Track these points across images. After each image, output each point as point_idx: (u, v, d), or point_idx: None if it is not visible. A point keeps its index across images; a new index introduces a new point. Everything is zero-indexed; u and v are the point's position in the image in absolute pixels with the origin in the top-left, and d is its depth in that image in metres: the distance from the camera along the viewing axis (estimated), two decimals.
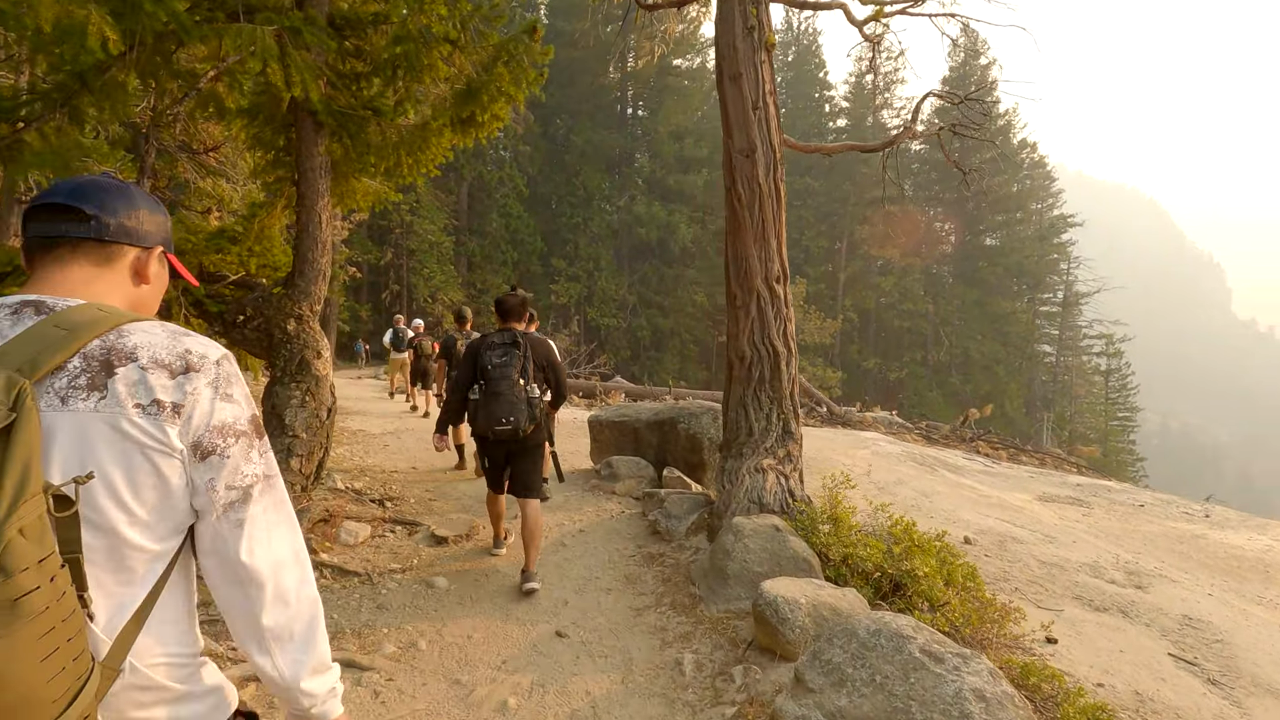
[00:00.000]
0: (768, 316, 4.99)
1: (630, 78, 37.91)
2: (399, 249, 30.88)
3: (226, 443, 0.94)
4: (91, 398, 0.86)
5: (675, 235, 35.27)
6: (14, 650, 0.72)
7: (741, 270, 5.03)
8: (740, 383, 4.99)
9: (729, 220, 5.16)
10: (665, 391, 18.86)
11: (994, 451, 16.69)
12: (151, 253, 1.04)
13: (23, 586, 0.73)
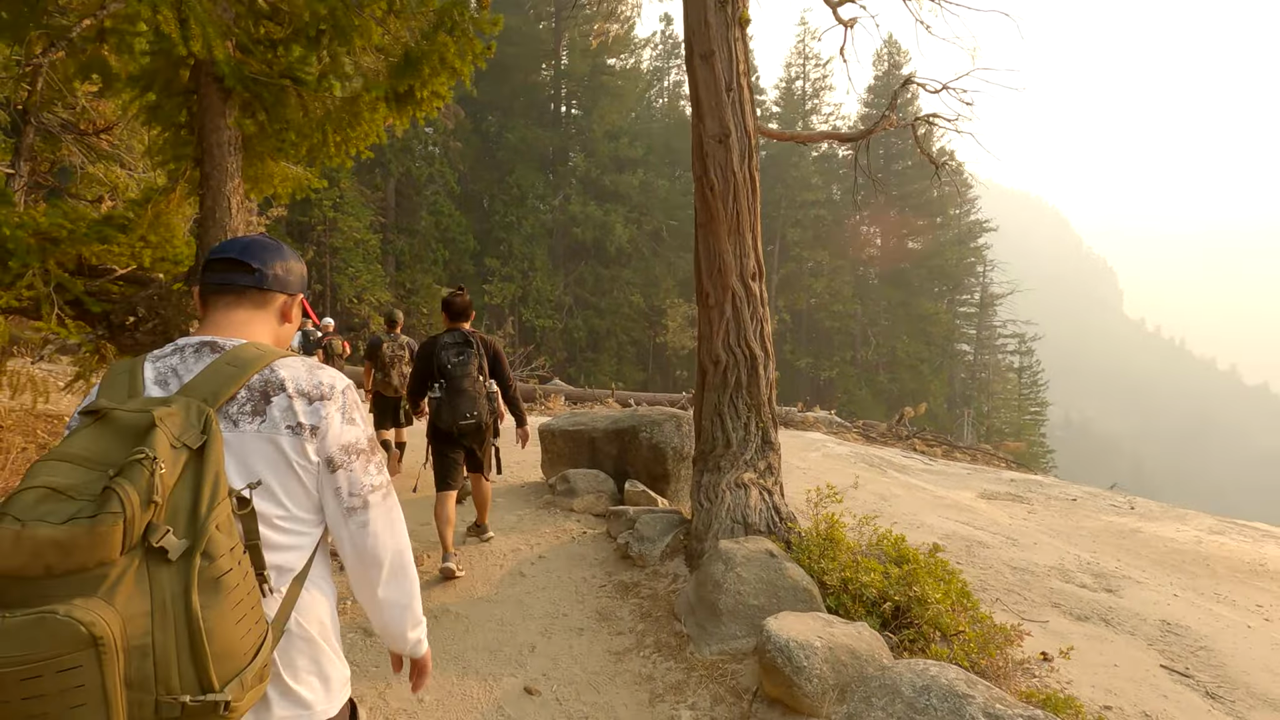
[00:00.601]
0: (744, 317, 4.56)
1: (564, 75, 37.18)
2: (321, 246, 29.17)
3: (350, 458, 1.19)
4: (255, 421, 1.11)
5: (611, 235, 34.75)
6: (219, 616, 0.95)
7: (715, 266, 4.58)
8: (715, 389, 4.53)
9: (700, 212, 4.69)
10: (607, 394, 18.33)
11: (929, 449, 16.94)
12: (294, 298, 1.31)
13: (221, 568, 0.96)
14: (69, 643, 0.83)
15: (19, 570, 0.84)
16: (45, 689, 0.82)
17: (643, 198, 36.43)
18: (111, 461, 0.92)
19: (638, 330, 37.06)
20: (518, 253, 34.45)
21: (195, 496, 0.96)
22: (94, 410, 0.99)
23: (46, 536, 0.84)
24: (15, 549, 0.83)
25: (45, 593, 0.85)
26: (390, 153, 30.97)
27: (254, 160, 5.09)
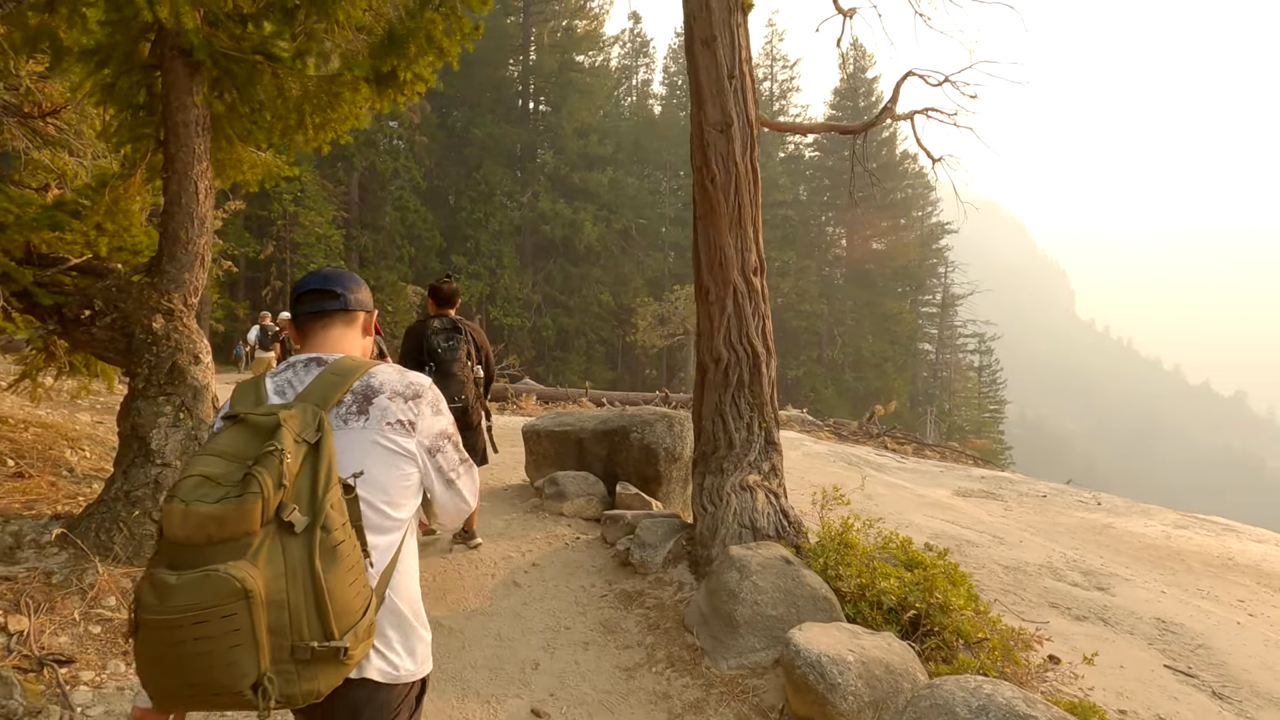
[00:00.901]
0: (745, 313, 4.39)
1: (532, 71, 36.70)
2: (281, 242, 28.25)
3: (443, 443, 1.46)
4: (360, 420, 1.34)
5: (580, 233, 34.43)
6: (337, 579, 1.17)
7: (715, 261, 4.40)
8: (716, 388, 4.35)
9: (700, 204, 4.51)
10: (580, 394, 18.06)
11: (899, 447, 17.08)
12: (371, 315, 1.59)
13: (337, 539, 1.18)
14: (228, 595, 1.06)
15: (188, 539, 1.09)
16: (211, 631, 1.06)
17: (612, 196, 36.18)
18: (249, 455, 1.16)
19: (607, 329, 36.82)
20: (485, 250, 33.89)
21: (313, 482, 1.18)
22: (233, 415, 1.24)
23: (206, 512, 1.08)
24: (184, 522, 1.08)
25: (207, 558, 1.08)
26: (354, 146, 30.15)
27: (222, 143, 4.73)
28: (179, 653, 1.06)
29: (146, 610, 1.07)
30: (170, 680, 1.09)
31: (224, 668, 1.07)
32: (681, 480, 5.79)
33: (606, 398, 18.44)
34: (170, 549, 1.10)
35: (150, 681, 1.11)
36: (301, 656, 1.13)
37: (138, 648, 1.10)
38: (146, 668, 1.10)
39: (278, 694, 1.11)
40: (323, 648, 1.14)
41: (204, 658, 1.06)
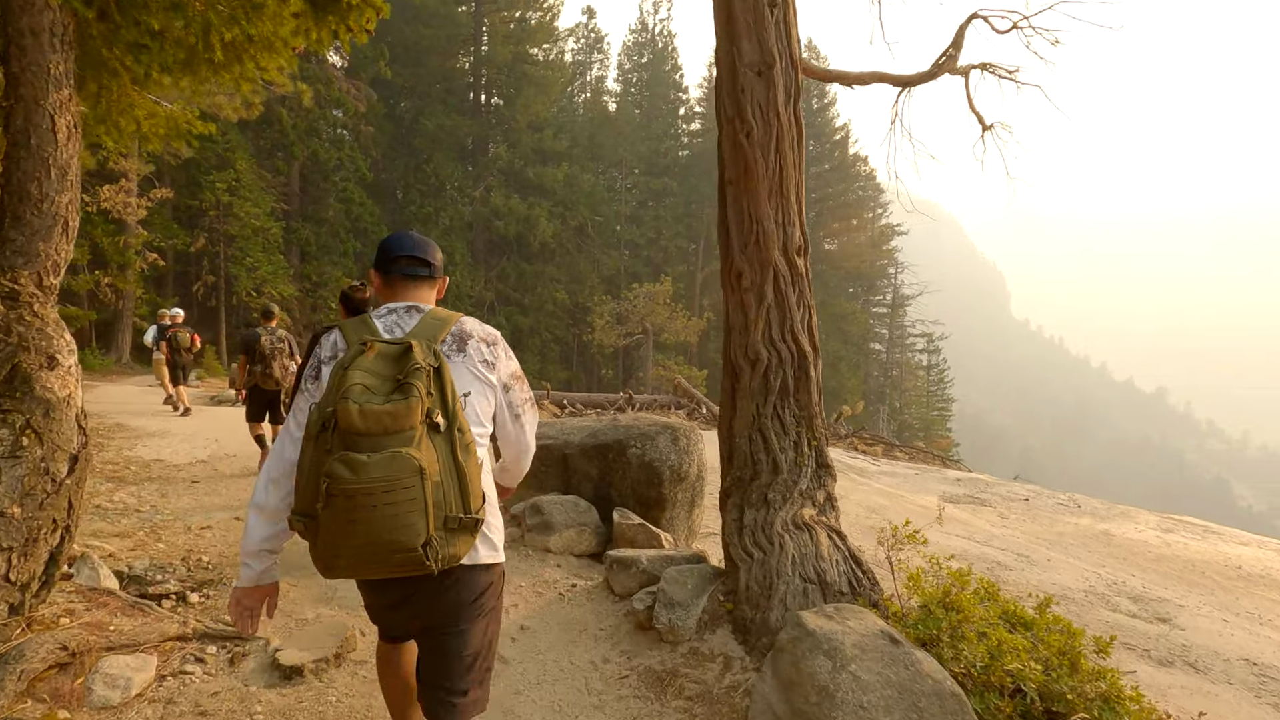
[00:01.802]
0: (788, 302, 3.46)
1: (484, 62, 35.16)
2: (214, 234, 26.08)
3: (515, 382, 1.81)
4: (460, 356, 1.67)
5: (535, 230, 33.11)
6: (471, 467, 1.51)
7: (751, 237, 3.45)
8: (752, 396, 3.41)
9: (730, 166, 3.55)
10: (541, 395, 16.92)
11: (869, 448, 16.55)
12: (445, 279, 1.88)
13: (469, 438, 1.53)
14: (410, 470, 1.37)
15: (368, 430, 1.37)
16: (398, 499, 1.36)
17: (567, 192, 34.98)
18: (393, 372, 1.48)
19: (562, 328, 35.61)
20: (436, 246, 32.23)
21: (443, 395, 1.50)
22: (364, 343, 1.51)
23: (381, 409, 1.38)
24: (364, 418, 1.37)
25: (384, 445, 1.38)
26: (294, 134, 28.20)
27: (104, 77, 3.54)
28: (371, 515, 1.35)
29: (342, 483, 1.34)
30: (358, 539, 1.36)
31: (404, 528, 1.37)
32: (687, 504, 4.85)
33: (568, 399, 17.37)
34: (350, 438, 1.37)
35: (335, 543, 1.38)
36: (451, 526, 1.45)
37: (328, 516, 1.36)
38: (335, 530, 1.37)
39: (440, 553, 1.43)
40: (468, 518, 1.48)
41: (390, 520, 1.36)
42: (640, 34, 44.04)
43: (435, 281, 1.82)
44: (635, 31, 44.28)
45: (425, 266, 1.77)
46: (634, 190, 39.90)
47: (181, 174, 26.38)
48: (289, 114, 27.94)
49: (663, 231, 39.06)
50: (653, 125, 41.49)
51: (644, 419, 5.14)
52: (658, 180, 39.62)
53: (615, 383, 37.64)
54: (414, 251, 1.76)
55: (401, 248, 1.75)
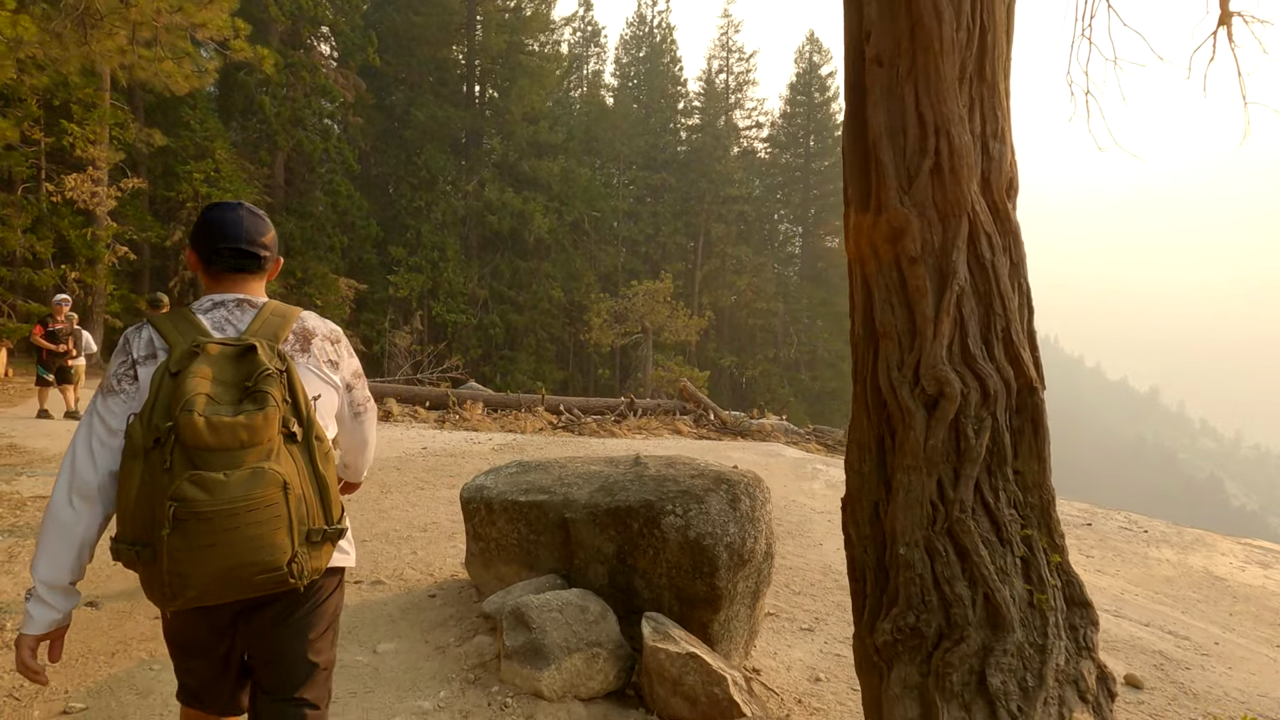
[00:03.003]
0: (999, 286, 1.77)
1: (478, 52, 33.33)
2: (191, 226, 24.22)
3: (357, 381, 1.67)
4: (303, 357, 1.49)
5: (530, 225, 31.32)
6: (331, 477, 1.40)
7: (926, 159, 1.75)
8: (930, 464, 1.71)
9: (881, 31, 1.85)
10: (535, 399, 15.19)
11: None
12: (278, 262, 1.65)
13: (328, 446, 1.41)
14: (273, 486, 1.26)
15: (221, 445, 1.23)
16: (261, 518, 1.24)
17: (563, 186, 33.20)
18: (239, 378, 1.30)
19: (557, 327, 33.85)
20: (427, 241, 30.44)
21: (295, 401, 1.35)
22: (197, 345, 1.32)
23: (233, 422, 1.23)
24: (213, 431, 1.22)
25: (240, 460, 1.24)
26: (278, 123, 26.41)
27: None
28: (231, 537, 1.22)
29: (197, 505, 1.20)
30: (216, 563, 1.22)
31: (268, 547, 1.26)
32: (750, 595, 3.16)
33: (564, 404, 15.65)
34: (198, 455, 1.22)
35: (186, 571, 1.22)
36: (315, 539, 1.34)
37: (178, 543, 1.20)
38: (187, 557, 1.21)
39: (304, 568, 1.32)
40: (332, 529, 1.38)
41: (253, 540, 1.24)
42: (638, 27, 42.29)
43: (266, 271, 1.59)
44: (633, 25, 42.52)
45: (254, 260, 1.52)
46: (631, 186, 38.13)
47: (157, 163, 24.58)
48: (271, 102, 26.17)
49: (661, 228, 37.34)
50: (651, 119, 39.75)
51: (682, 464, 3.44)
52: (656, 175, 37.90)
53: (612, 383, 35.93)
54: (241, 243, 1.49)
55: (226, 236, 1.49)
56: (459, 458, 8.13)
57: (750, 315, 37.80)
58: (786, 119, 41.80)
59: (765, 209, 41.43)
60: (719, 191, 37.54)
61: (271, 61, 10.92)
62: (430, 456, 8.06)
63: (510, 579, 3.40)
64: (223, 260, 1.48)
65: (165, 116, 24.60)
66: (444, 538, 4.89)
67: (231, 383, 1.28)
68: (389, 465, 7.30)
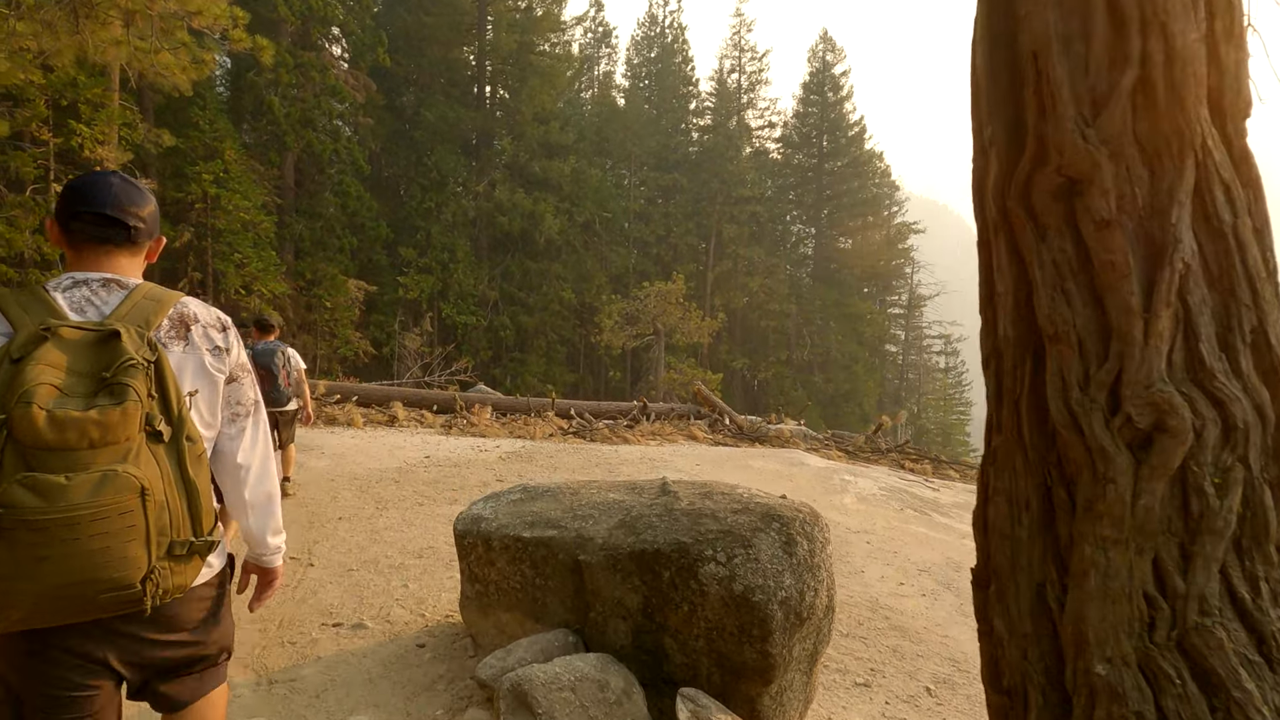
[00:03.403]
0: (1243, 250, 1.15)
1: (489, 52, 32.87)
2: (201, 228, 23.89)
3: (243, 375, 1.42)
4: (180, 345, 1.30)
5: (540, 226, 30.79)
6: (203, 482, 1.20)
7: (1130, 59, 1.14)
8: (1130, 529, 1.09)
9: None
10: (545, 403, 14.62)
11: (918, 466, 14.20)
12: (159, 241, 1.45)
13: (200, 448, 1.22)
14: (127, 491, 1.07)
15: (64, 443, 1.03)
16: (111, 528, 1.05)
17: (574, 187, 32.67)
18: (95, 368, 1.11)
19: (568, 329, 33.31)
20: (437, 242, 30.00)
21: (165, 398, 1.16)
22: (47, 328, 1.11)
23: (85, 418, 1.04)
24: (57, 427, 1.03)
25: (87, 461, 1.05)
26: (287, 124, 26.04)
27: None
28: (70, 550, 1.03)
29: (27, 512, 1.01)
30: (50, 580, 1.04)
31: (119, 562, 1.07)
32: (807, 659, 2.53)
33: (574, 408, 15.07)
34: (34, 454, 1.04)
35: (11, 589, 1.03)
36: (178, 552, 1.15)
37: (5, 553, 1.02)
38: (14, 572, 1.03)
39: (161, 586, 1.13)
40: (200, 542, 1.18)
41: (99, 554, 1.05)
42: (649, 27, 41.71)
43: (140, 247, 1.36)
44: (644, 25, 41.95)
45: (122, 229, 1.30)
46: (642, 187, 37.52)
47: (167, 165, 24.31)
48: (281, 103, 25.82)
49: (672, 229, 36.72)
50: (662, 120, 39.15)
51: (720, 495, 2.82)
52: (667, 176, 37.28)
53: (623, 386, 35.35)
54: (105, 208, 1.28)
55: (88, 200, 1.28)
56: (463, 468, 7.55)
57: (763, 317, 37.10)
58: (799, 118, 41.07)
59: (777, 209, 40.73)
60: (731, 192, 36.88)
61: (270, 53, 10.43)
62: (433, 467, 7.48)
63: (512, 629, 2.80)
64: (84, 228, 1.29)
65: (175, 117, 24.29)
66: (441, 566, 4.30)
67: (87, 373, 1.12)
68: (387, 478, 6.73)
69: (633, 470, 8.15)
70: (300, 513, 5.40)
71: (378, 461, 7.59)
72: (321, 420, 11.43)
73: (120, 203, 1.30)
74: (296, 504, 5.64)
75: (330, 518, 5.27)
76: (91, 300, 1.24)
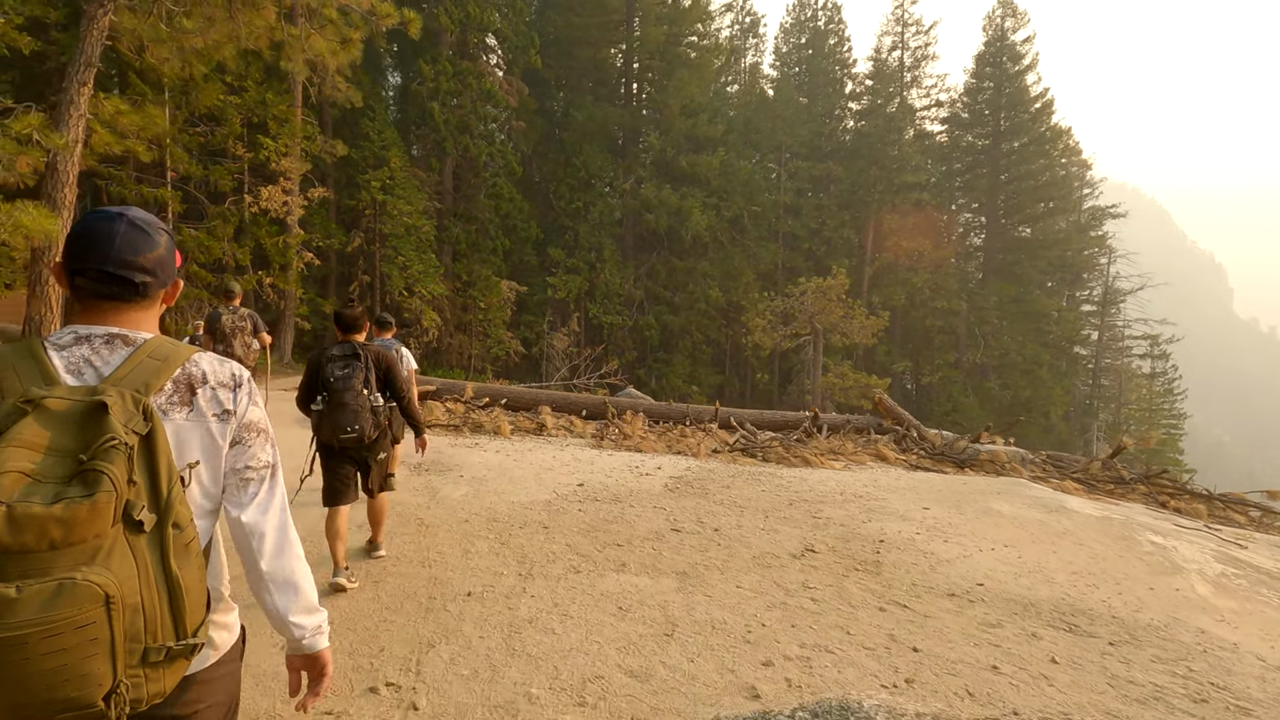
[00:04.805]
0: None
1: (636, 47, 31.69)
2: (370, 233, 24.65)
3: (252, 435, 1.21)
4: (183, 411, 1.13)
5: (687, 223, 29.07)
6: (191, 575, 1.01)
7: None
8: None
9: None
10: (704, 413, 12.75)
11: (1186, 505, 10.67)
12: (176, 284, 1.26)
13: (189, 536, 1.01)
14: (87, 603, 0.88)
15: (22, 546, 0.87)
16: (66, 644, 0.88)
17: (722, 181, 30.63)
18: (75, 447, 0.94)
19: (714, 329, 31.34)
20: (584, 242, 29.24)
21: (154, 477, 0.99)
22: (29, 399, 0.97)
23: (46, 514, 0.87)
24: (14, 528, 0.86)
25: (47, 565, 0.88)
26: (446, 130, 26.32)
27: None
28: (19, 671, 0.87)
29: None
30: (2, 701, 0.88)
31: (77, 680, 0.91)
32: None
33: (735, 416, 13.05)
34: None
35: None
36: (154, 659, 0.98)
37: None
38: None
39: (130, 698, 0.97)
40: (180, 646, 1.01)
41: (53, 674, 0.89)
42: (799, 11, 38.61)
43: (151, 299, 1.19)
44: (794, 10, 38.92)
45: (129, 287, 1.14)
46: (792, 179, 34.67)
47: (341, 174, 25.42)
48: (441, 110, 26.15)
49: (826, 221, 33.56)
50: (814, 105, 35.99)
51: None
52: (820, 165, 34.15)
53: (770, 390, 32.79)
54: (108, 265, 1.12)
55: (89, 255, 1.12)
56: (625, 504, 5.82)
57: (927, 315, 32.89)
58: (970, 94, 36.17)
59: (943, 197, 36.12)
60: (892, 180, 33.05)
61: (418, 25, 9.43)
62: (588, 501, 5.82)
63: None
64: (87, 285, 1.14)
65: (350, 130, 25.29)
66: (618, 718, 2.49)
67: (67, 453, 0.93)
68: (533, 520, 5.13)
69: (837, 512, 6.02)
70: (420, 578, 3.86)
71: (524, 490, 6.06)
72: (468, 428, 10.32)
73: (124, 257, 1.14)
74: (420, 561, 4.13)
75: (457, 592, 3.68)
76: (91, 360, 1.10)
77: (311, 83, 23.13)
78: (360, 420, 3.60)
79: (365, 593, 3.67)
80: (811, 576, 4.31)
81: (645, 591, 3.79)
